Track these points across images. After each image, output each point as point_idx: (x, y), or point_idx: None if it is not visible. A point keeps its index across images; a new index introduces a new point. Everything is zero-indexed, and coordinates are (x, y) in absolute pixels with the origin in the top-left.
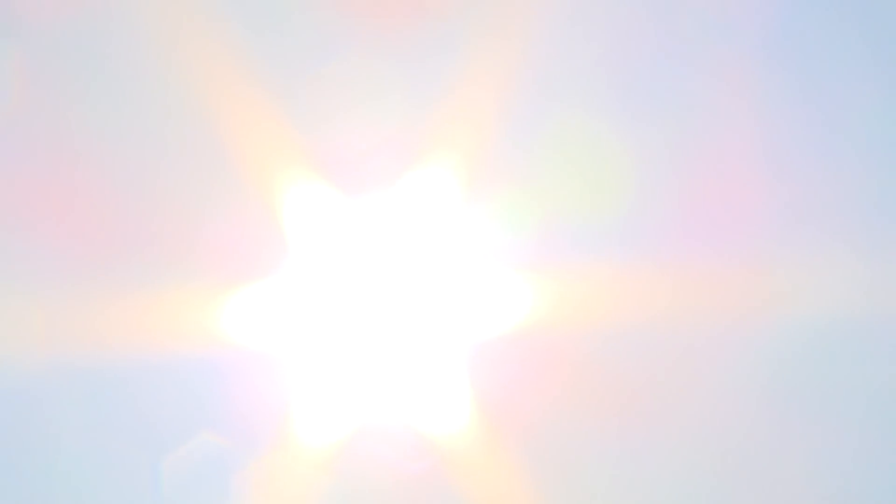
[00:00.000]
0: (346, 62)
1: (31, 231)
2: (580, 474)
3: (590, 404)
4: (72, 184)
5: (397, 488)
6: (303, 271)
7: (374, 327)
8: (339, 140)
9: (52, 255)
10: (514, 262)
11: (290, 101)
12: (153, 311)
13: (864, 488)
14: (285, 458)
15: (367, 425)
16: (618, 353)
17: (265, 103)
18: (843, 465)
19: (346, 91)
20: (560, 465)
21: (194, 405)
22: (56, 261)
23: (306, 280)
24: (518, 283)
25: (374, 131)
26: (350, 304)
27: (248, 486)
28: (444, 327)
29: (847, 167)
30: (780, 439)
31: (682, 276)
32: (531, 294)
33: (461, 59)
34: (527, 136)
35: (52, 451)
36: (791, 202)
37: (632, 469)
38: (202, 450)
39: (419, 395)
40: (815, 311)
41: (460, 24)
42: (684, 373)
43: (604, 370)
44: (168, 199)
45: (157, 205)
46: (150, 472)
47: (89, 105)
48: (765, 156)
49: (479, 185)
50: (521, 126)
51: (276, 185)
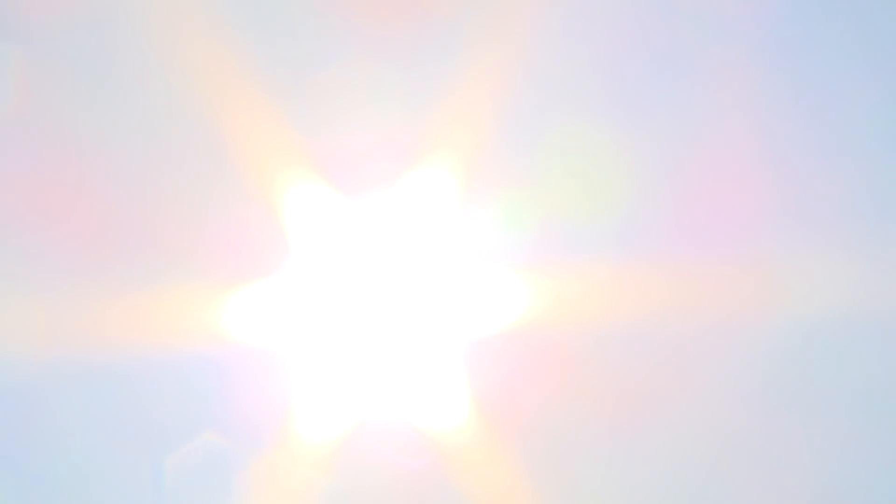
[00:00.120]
0: (347, 64)
1: (35, 230)
2: (577, 471)
3: (587, 402)
4: (74, 184)
5: (396, 484)
6: (303, 270)
7: (373, 325)
8: (339, 141)
9: (55, 254)
10: (511, 261)
11: (291, 102)
12: (155, 309)
13: (863, 487)
14: (285, 455)
15: (367, 422)
16: (615, 352)
17: (266, 104)
18: (841, 464)
19: (346, 92)
20: (557, 462)
21: (196, 403)
22: (59, 260)
23: (307, 279)
24: (515, 282)
25: (374, 132)
26: (349, 303)
27: (249, 482)
28: (443, 325)
29: (845, 167)
30: (777, 437)
31: (678, 276)
32: (528, 292)
33: (460, 60)
34: (524, 137)
35: (54, 450)
36: (789, 202)
37: (629, 466)
38: (204, 447)
39: (418, 393)
40: (812, 310)
41: (460, 26)
42: (681, 371)
43: (601, 368)
44: (170, 198)
45: (159, 204)
46: (153, 469)
47: (91, 106)
48: (762, 156)
49: (477, 186)
50: (518, 127)
51: (276, 186)
